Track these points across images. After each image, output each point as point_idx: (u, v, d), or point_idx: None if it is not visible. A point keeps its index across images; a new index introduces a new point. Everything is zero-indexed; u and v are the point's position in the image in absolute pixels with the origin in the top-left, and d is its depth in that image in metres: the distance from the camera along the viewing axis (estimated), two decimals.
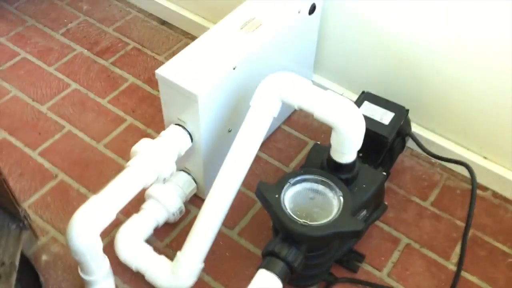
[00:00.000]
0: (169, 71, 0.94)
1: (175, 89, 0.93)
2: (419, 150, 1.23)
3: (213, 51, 0.99)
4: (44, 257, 1.05)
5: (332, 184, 0.91)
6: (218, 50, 0.99)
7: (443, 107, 1.18)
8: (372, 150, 1.05)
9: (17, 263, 0.92)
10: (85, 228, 0.85)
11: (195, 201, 1.15)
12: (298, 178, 0.91)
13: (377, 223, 1.14)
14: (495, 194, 1.20)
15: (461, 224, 1.14)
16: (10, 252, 0.94)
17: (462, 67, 1.08)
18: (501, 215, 1.17)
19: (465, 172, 1.13)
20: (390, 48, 1.15)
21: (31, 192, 1.16)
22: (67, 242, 0.86)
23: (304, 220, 0.86)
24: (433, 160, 1.25)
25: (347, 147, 0.89)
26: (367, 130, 1.00)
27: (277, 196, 0.88)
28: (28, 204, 1.13)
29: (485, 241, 1.12)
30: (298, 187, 0.92)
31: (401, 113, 1.09)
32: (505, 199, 1.19)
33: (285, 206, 0.88)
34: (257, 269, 0.85)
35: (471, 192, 1.03)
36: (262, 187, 0.90)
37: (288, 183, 0.90)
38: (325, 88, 1.15)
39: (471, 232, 1.13)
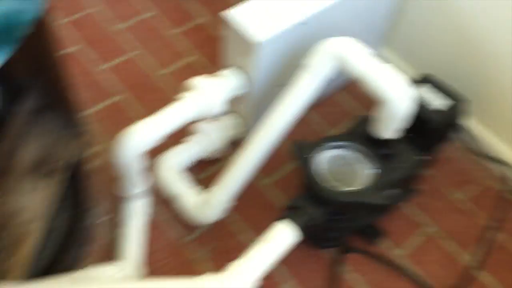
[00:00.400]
0: (237, 15, 0.97)
1: (239, 34, 0.97)
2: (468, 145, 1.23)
3: (286, 2, 1.00)
4: (93, 165, 1.14)
5: (367, 155, 0.93)
6: (291, 2, 1.00)
7: (507, 108, 1.15)
8: (420, 134, 1.05)
9: (71, 162, 1.02)
10: (129, 146, 0.92)
11: (238, 145, 1.20)
12: (336, 143, 0.94)
13: (407, 204, 1.15)
14: None
15: (490, 224, 1.13)
16: (66, 152, 1.03)
17: None
18: None
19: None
20: (465, 36, 1.13)
21: (91, 104, 1.25)
22: (113, 153, 0.94)
23: (332, 184, 0.89)
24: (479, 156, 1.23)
25: (390, 124, 0.90)
26: (420, 113, 1.00)
27: (312, 156, 0.92)
28: (87, 113, 1.22)
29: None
30: (334, 151, 0.95)
31: (461, 103, 1.07)
32: None
33: (317, 167, 0.91)
34: (281, 218, 0.90)
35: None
36: (298, 144, 0.93)
37: (325, 146, 0.93)
38: (389, 62, 1.15)
39: (501, 236, 1.13)
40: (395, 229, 1.12)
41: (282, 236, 0.87)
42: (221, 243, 1.07)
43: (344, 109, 1.29)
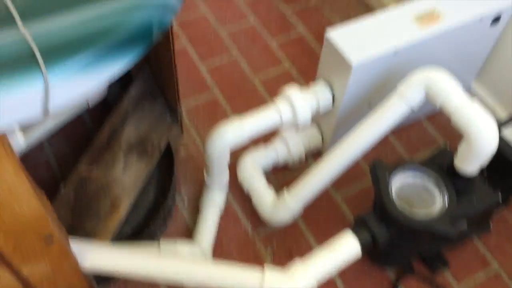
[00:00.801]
0: (337, 35, 1.03)
1: (336, 53, 1.03)
2: None
3: (383, 31, 1.05)
4: (182, 152, 1.25)
5: (443, 186, 0.96)
6: (387, 31, 1.05)
7: None
8: (500, 174, 1.06)
9: (162, 147, 1.13)
10: (221, 140, 1.01)
11: (317, 157, 1.26)
12: (414, 168, 0.97)
13: (476, 241, 1.16)
14: None
15: None
16: (160, 137, 1.14)
17: None
18: None
19: None
20: None
21: (189, 98, 1.36)
22: (205, 145, 1.03)
23: (403, 207, 0.93)
24: None
25: (471, 159, 0.92)
26: (503, 154, 1.02)
27: (387, 175, 0.96)
28: (183, 106, 1.33)
29: None
30: (411, 176, 0.98)
31: None
32: None
33: (391, 187, 0.95)
34: (346, 230, 0.95)
35: None
36: (377, 164, 0.98)
37: (404, 169, 0.97)
38: (479, 98, 1.16)
39: None
40: (461, 263, 1.13)
41: (346, 247, 0.92)
42: (285, 245, 1.14)
43: (425, 137, 1.31)
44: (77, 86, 0.54)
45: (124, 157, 1.10)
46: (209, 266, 0.89)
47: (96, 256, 0.86)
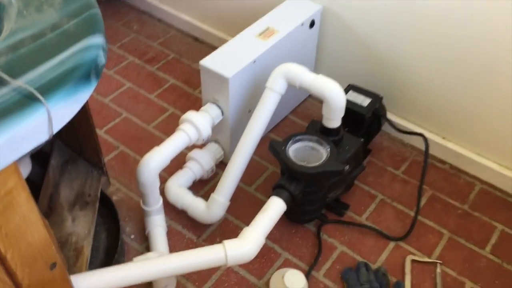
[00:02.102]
0: (208, 62, 1.34)
1: (213, 75, 1.33)
2: (395, 134, 1.62)
3: (239, 50, 1.39)
4: (114, 198, 1.42)
5: (322, 141, 1.29)
6: (242, 49, 1.39)
7: (410, 98, 1.56)
8: (354, 126, 1.43)
9: (98, 195, 1.30)
10: (150, 166, 1.23)
11: (222, 167, 1.52)
12: (299, 137, 1.29)
13: (359, 184, 1.51)
14: (452, 166, 1.57)
15: (424, 187, 1.50)
16: (93, 189, 1.31)
17: (423, 65, 1.47)
18: (455, 181, 1.53)
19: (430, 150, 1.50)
20: (370, 51, 1.55)
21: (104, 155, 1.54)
22: (137, 176, 1.24)
23: (301, 163, 1.23)
24: (405, 141, 1.62)
25: (333, 114, 1.27)
26: (349, 109, 1.39)
27: (283, 148, 1.26)
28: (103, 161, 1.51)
29: (442, 198, 1.48)
30: (299, 143, 1.30)
31: (377, 99, 1.47)
32: (459, 170, 1.56)
33: (289, 154, 1.25)
34: (269, 197, 1.22)
35: (424, 154, 1.40)
36: (273, 142, 1.28)
37: (292, 140, 1.28)
38: None
39: (431, 192, 1.49)
40: (356, 202, 1.46)
41: (274, 206, 1.19)
42: (226, 236, 1.37)
43: (295, 127, 1.66)
44: (68, 109, 0.75)
45: (70, 214, 1.25)
46: (180, 254, 1.09)
47: (88, 278, 1.01)
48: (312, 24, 1.53)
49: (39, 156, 1.37)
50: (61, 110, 0.75)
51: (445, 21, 1.36)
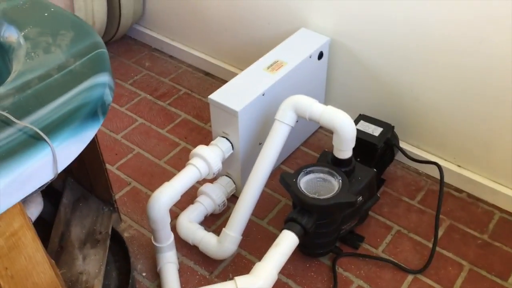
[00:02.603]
0: (217, 96, 1.35)
1: (222, 108, 1.33)
2: (409, 163, 1.59)
3: (248, 83, 1.39)
4: (125, 234, 1.41)
5: (334, 172, 1.27)
6: (251, 82, 1.39)
7: (423, 126, 1.54)
8: (366, 156, 1.41)
9: (109, 232, 1.29)
10: (160, 202, 1.22)
11: (234, 200, 1.51)
12: (310, 168, 1.28)
13: (374, 215, 1.48)
14: (469, 195, 1.53)
15: (441, 216, 1.46)
16: (104, 226, 1.31)
17: (434, 93, 1.46)
18: (473, 210, 1.49)
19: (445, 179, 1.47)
20: (380, 81, 1.54)
21: (116, 191, 1.54)
22: (148, 212, 1.23)
23: (313, 195, 1.21)
24: (420, 170, 1.59)
25: (344, 145, 1.25)
26: (361, 139, 1.38)
27: (294, 180, 1.25)
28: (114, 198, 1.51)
29: (460, 228, 1.44)
30: (310, 175, 1.28)
31: (388, 128, 1.46)
32: (477, 199, 1.52)
33: (300, 186, 1.24)
34: (281, 230, 1.20)
35: (439, 184, 1.37)
36: (284, 175, 1.26)
37: (303, 172, 1.27)
38: None
39: (448, 222, 1.45)
40: (371, 234, 1.43)
41: (286, 240, 1.16)
42: (239, 272, 1.34)
43: (307, 158, 1.65)
44: (74, 148, 0.75)
45: (80, 252, 1.25)
46: None
47: None
48: (320, 56, 1.54)
49: (52, 194, 1.37)
50: (66, 149, 0.75)
51: (452, 50, 1.35)
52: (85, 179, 1.38)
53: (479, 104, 1.39)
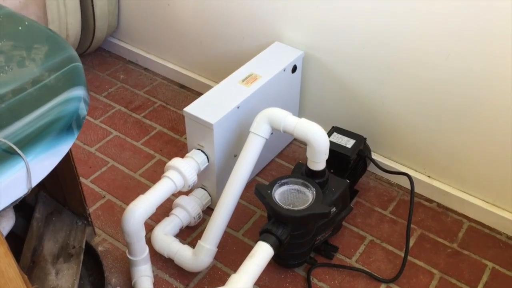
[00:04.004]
0: (192, 109, 1.36)
1: (197, 121, 1.34)
2: (381, 174, 1.63)
3: (223, 96, 1.41)
4: (100, 248, 1.40)
5: (308, 184, 1.29)
6: (226, 95, 1.41)
7: (394, 138, 1.57)
8: (339, 167, 1.44)
9: (83, 246, 1.28)
10: (135, 215, 1.22)
11: (209, 212, 1.51)
12: (285, 180, 1.29)
13: (348, 225, 1.50)
14: (439, 205, 1.57)
15: (412, 226, 1.50)
16: (78, 240, 1.30)
17: (405, 106, 1.50)
18: (443, 219, 1.53)
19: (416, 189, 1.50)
20: (352, 94, 1.57)
21: (90, 204, 1.53)
22: (122, 225, 1.23)
23: (288, 207, 1.23)
24: (392, 181, 1.63)
25: (317, 156, 1.27)
26: (334, 151, 1.40)
27: (269, 192, 1.26)
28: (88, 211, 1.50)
29: (431, 237, 1.48)
30: (285, 186, 1.29)
31: (360, 140, 1.49)
32: (446, 208, 1.56)
33: (275, 198, 1.25)
34: (256, 242, 1.21)
35: (410, 194, 1.41)
36: (258, 187, 1.28)
37: (277, 183, 1.28)
38: None
39: (420, 231, 1.49)
40: (345, 244, 1.45)
41: (261, 251, 1.17)
42: (214, 284, 1.34)
43: (282, 170, 1.67)
44: (48, 162, 0.75)
45: (53, 267, 1.23)
46: None
47: None
48: (294, 69, 1.56)
49: (24, 208, 1.35)
50: (40, 163, 0.75)
51: (421, 64, 1.39)
52: (58, 193, 1.37)
53: (447, 116, 1.43)
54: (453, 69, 1.35)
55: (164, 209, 1.48)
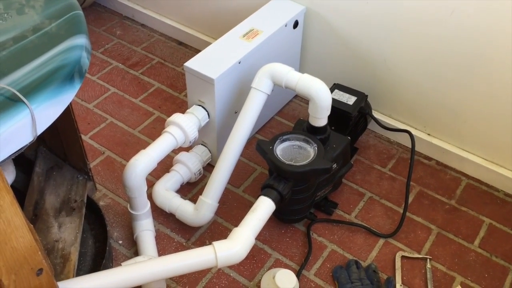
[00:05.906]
0: (193, 64, 1.34)
1: (198, 76, 1.32)
2: (381, 132, 1.63)
3: (224, 51, 1.39)
4: (101, 203, 1.41)
5: (310, 140, 1.28)
6: (227, 50, 1.39)
7: (395, 95, 1.57)
8: (340, 124, 1.44)
9: (85, 200, 1.28)
10: (137, 169, 1.21)
11: (210, 169, 1.51)
12: (286, 136, 1.29)
13: (347, 182, 1.51)
14: (437, 162, 1.58)
15: (411, 183, 1.51)
16: (79, 194, 1.30)
17: (406, 63, 1.48)
18: (441, 177, 1.54)
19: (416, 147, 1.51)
20: (354, 51, 1.55)
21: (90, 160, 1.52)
22: (123, 180, 1.22)
23: (289, 162, 1.23)
24: (392, 139, 1.63)
25: (319, 112, 1.27)
26: (336, 108, 1.39)
27: (271, 147, 1.26)
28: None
29: (429, 194, 1.49)
30: (286, 143, 1.29)
31: (362, 97, 1.48)
32: (445, 166, 1.57)
33: (276, 153, 1.25)
34: (257, 197, 1.21)
35: (410, 151, 1.41)
36: (260, 142, 1.27)
37: (279, 139, 1.28)
38: None
39: (418, 188, 1.50)
40: (344, 201, 1.46)
41: (263, 205, 1.18)
42: (215, 238, 1.35)
43: (282, 128, 1.66)
44: (52, 110, 0.74)
45: (56, 220, 1.24)
46: (169, 257, 1.08)
47: (75, 284, 0.99)
48: (295, 24, 1.54)
49: (23, 163, 1.35)
50: (45, 111, 0.74)
51: (425, 20, 1.37)
52: (58, 148, 1.36)
53: (449, 74, 1.42)
54: (458, 25, 1.33)
55: (165, 166, 1.48)
